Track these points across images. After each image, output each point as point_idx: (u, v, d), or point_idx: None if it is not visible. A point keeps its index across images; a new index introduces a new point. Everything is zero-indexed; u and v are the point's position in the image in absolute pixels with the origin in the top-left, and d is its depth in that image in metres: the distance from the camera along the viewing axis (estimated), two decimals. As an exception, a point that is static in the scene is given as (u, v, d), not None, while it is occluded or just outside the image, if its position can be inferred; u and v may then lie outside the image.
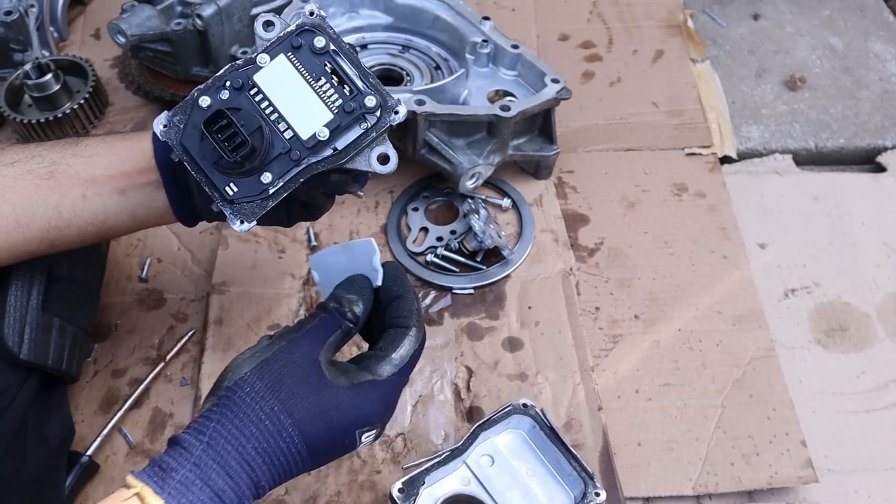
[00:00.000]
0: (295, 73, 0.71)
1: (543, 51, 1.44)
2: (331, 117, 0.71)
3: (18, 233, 0.76)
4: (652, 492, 0.95)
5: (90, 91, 1.30)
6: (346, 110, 0.71)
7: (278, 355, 0.67)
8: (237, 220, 0.72)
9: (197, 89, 0.71)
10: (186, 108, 0.71)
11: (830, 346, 1.10)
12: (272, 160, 0.71)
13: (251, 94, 0.71)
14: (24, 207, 0.75)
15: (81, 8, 1.53)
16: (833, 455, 1.00)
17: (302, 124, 0.72)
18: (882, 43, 1.52)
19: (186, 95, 0.72)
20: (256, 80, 0.71)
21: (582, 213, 1.22)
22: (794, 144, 1.35)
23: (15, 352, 0.83)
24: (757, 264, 1.17)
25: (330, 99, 0.72)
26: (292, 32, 0.71)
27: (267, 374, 0.66)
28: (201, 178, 0.71)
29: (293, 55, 0.71)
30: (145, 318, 1.09)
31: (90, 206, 0.78)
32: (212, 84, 0.71)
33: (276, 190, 0.72)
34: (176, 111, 0.71)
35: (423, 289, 1.12)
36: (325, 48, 0.71)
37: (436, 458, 0.85)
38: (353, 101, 0.72)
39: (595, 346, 1.07)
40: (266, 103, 0.71)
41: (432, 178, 1.23)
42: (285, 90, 0.71)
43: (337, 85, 0.72)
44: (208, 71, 1.25)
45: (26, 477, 0.84)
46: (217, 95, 0.71)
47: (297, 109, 0.72)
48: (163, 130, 0.71)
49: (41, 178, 0.76)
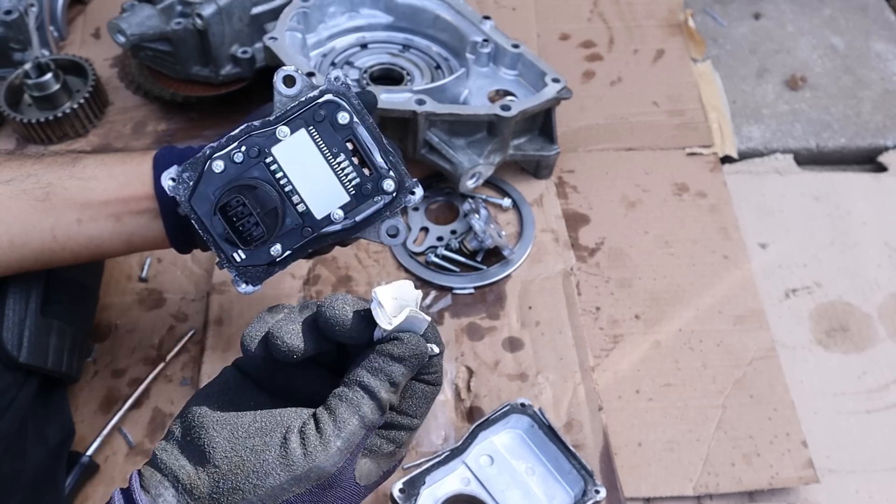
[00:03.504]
0: (315, 149, 0.69)
1: (544, 50, 1.44)
2: (347, 199, 0.70)
3: (13, 252, 0.76)
4: (652, 492, 0.95)
5: (90, 90, 1.30)
6: (363, 193, 0.70)
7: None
8: (242, 282, 0.72)
9: (209, 147, 0.69)
10: (197, 165, 0.68)
11: (831, 347, 1.10)
12: (283, 233, 0.70)
13: (266, 162, 0.69)
14: (19, 228, 0.75)
15: (81, 7, 1.53)
16: (834, 455, 1.00)
17: (317, 202, 0.70)
18: (883, 42, 1.51)
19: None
20: (274, 152, 0.68)
21: (582, 213, 1.21)
22: (795, 144, 1.35)
23: (14, 355, 0.83)
24: (758, 264, 1.17)
25: (348, 178, 0.70)
26: (315, 101, 0.68)
27: None
28: (208, 238, 0.70)
29: (314, 129, 0.68)
30: (145, 318, 1.09)
31: (85, 231, 0.77)
32: (226, 144, 0.68)
33: (283, 258, 0.71)
34: (186, 167, 0.69)
35: (423, 289, 1.12)
36: (348, 124, 0.68)
37: (436, 458, 0.85)
38: (371, 182, 0.70)
39: (595, 346, 1.07)
40: (281, 174, 0.69)
41: (433, 178, 1.23)
42: (303, 165, 0.69)
43: (356, 164, 0.70)
44: (208, 70, 1.25)
45: (26, 477, 0.84)
46: (231, 158, 0.68)
47: (314, 186, 0.70)
48: (171, 186, 0.69)
49: (36, 199, 0.75)
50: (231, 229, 0.68)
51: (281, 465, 0.55)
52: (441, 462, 0.84)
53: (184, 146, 0.80)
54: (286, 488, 0.55)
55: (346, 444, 0.56)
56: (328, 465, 0.55)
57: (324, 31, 1.24)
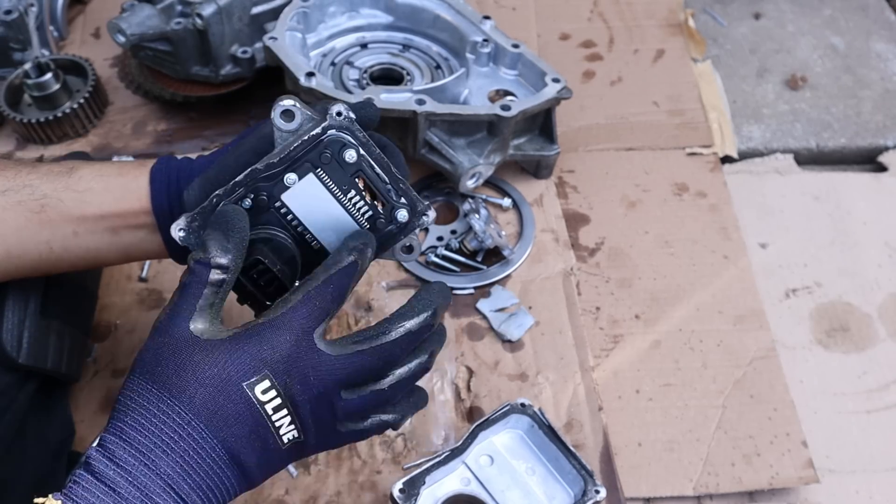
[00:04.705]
0: (325, 191, 0.68)
1: (544, 50, 1.44)
2: None
3: (10, 263, 0.76)
4: (652, 492, 0.95)
5: (90, 90, 1.30)
6: (377, 226, 0.70)
7: (149, 344, 0.60)
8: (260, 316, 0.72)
9: (216, 195, 0.67)
10: (205, 214, 0.67)
11: (831, 347, 1.10)
12: (301, 274, 0.70)
13: (276, 206, 0.68)
14: (16, 240, 0.74)
15: (81, 7, 1.53)
16: (834, 455, 1.00)
17: (331, 240, 0.70)
18: (883, 42, 1.51)
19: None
20: (284, 199, 0.68)
21: (582, 213, 1.21)
22: (795, 144, 1.35)
23: (14, 356, 0.83)
24: (758, 264, 1.17)
25: (360, 213, 0.69)
26: (320, 139, 0.66)
27: (146, 369, 0.58)
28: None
29: (322, 171, 0.67)
30: (145, 318, 1.09)
31: (81, 244, 0.76)
32: (232, 190, 0.67)
33: None
34: (194, 217, 0.67)
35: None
36: (356, 161, 0.67)
37: (436, 458, 0.85)
38: (384, 215, 0.70)
39: (595, 346, 1.07)
40: (292, 217, 0.69)
41: (432, 178, 1.23)
42: (314, 208, 0.68)
43: (368, 199, 0.69)
44: (208, 70, 1.25)
45: (26, 477, 0.84)
46: (240, 205, 0.67)
47: (327, 225, 0.69)
48: (182, 236, 0.68)
49: (32, 211, 0.74)
50: (255, 289, 0.67)
51: None
52: (441, 462, 0.84)
53: (181, 157, 0.79)
54: None
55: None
56: None
57: (324, 31, 1.24)
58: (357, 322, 1.08)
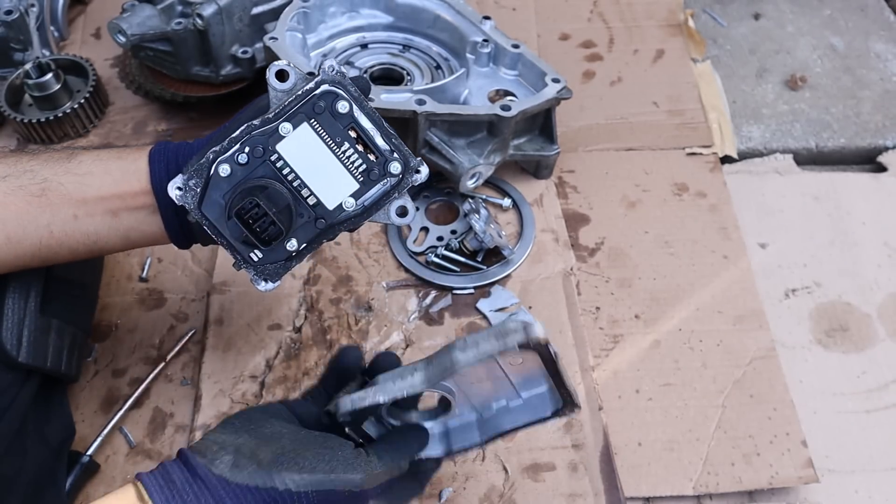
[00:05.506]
0: (319, 141, 0.70)
1: (544, 50, 1.44)
2: (356, 187, 0.71)
3: (9, 249, 0.76)
4: (652, 492, 0.95)
5: (90, 90, 1.30)
6: (371, 178, 0.71)
7: None
8: (261, 280, 0.73)
9: (212, 151, 0.69)
10: (202, 171, 0.69)
11: (831, 346, 1.10)
12: (297, 228, 0.71)
13: (272, 160, 0.69)
14: (16, 224, 0.75)
15: (82, 7, 1.53)
16: (834, 455, 1.00)
17: (327, 193, 0.71)
18: (883, 42, 1.51)
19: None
20: (279, 149, 0.69)
21: (582, 213, 1.22)
22: (794, 144, 1.35)
23: (13, 355, 0.83)
24: (757, 264, 1.17)
25: (354, 165, 0.71)
26: (313, 93, 0.69)
27: None
28: (223, 242, 0.71)
29: (316, 122, 0.69)
30: (146, 318, 1.09)
31: (81, 227, 0.77)
32: (228, 146, 0.69)
33: (299, 252, 0.72)
34: (191, 174, 0.69)
35: (423, 288, 1.12)
36: (348, 112, 0.69)
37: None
38: (377, 166, 0.71)
39: (595, 345, 1.07)
40: (288, 170, 0.70)
41: (432, 178, 1.22)
42: (309, 159, 0.70)
43: (361, 151, 0.70)
44: (209, 70, 1.25)
45: (26, 477, 0.84)
46: (235, 161, 0.69)
47: (322, 177, 0.70)
48: (178, 195, 0.69)
49: (32, 195, 0.75)
50: (249, 232, 0.69)
51: (339, 460, 0.64)
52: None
53: (178, 142, 0.80)
54: (333, 479, 0.63)
55: (387, 470, 0.67)
56: (368, 480, 0.65)
57: (324, 31, 1.24)
58: (357, 322, 1.08)
